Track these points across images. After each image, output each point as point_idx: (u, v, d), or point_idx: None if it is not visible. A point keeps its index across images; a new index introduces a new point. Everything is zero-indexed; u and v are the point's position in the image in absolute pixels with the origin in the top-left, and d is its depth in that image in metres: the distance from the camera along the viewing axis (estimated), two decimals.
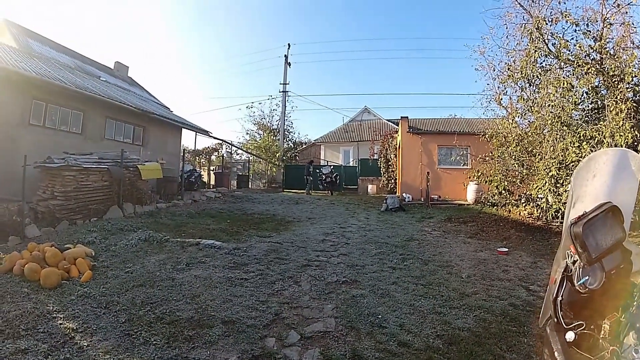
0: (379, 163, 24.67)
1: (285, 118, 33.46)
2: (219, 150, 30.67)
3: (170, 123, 18.10)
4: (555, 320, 1.47)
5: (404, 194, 18.68)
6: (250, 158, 31.35)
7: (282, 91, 32.52)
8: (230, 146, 31.04)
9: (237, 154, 34.17)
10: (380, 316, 4.76)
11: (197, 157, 28.75)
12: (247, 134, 35.36)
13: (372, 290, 5.68)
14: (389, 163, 23.43)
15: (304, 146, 36.12)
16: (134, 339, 3.84)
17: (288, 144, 34.31)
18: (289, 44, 32.82)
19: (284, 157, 30.49)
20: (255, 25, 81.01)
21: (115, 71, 21.29)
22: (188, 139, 40.75)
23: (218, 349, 3.73)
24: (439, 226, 11.84)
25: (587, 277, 1.42)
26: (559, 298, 1.47)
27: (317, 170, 23.72)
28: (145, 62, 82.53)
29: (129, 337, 3.89)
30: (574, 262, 1.47)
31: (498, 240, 9.81)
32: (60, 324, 4.12)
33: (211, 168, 26.63)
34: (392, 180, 22.92)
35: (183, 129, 19.56)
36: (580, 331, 1.39)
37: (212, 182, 24.32)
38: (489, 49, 11.96)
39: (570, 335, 1.39)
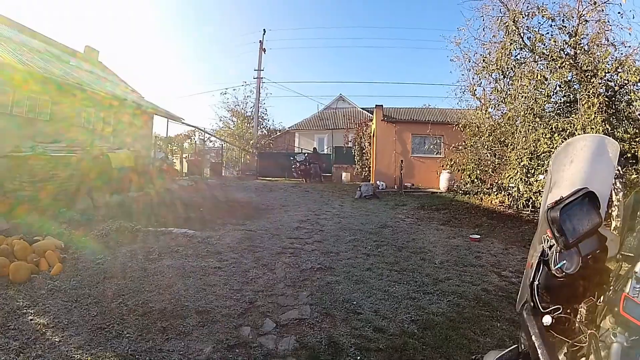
0: (353, 151, 24.75)
1: (260, 105, 32.97)
2: (192, 138, 29.98)
3: (142, 109, 17.67)
4: (532, 304, 1.47)
5: (377, 182, 18.80)
6: (224, 145, 30.93)
7: (257, 77, 32.03)
8: (203, 133, 30.47)
9: (211, 141, 33.61)
10: (355, 302, 4.78)
11: (170, 145, 28.14)
12: (221, 120, 35.04)
13: (347, 276, 5.69)
14: (363, 151, 23.53)
15: (278, 133, 35.71)
16: (107, 333, 3.72)
17: (262, 131, 33.84)
18: (264, 30, 32.25)
19: (258, 145, 30.17)
20: (230, 9, 79.44)
21: (85, 56, 20.58)
22: (160, 126, 39.96)
23: (193, 340, 3.66)
24: (412, 213, 11.98)
25: (563, 262, 1.42)
26: (536, 282, 1.47)
27: (292, 158, 23.59)
28: (117, 47, 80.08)
29: (101, 330, 3.76)
30: (550, 247, 1.47)
31: (470, 227, 9.98)
32: (31, 319, 3.96)
33: (184, 155, 26.09)
34: (366, 168, 23.05)
35: (155, 116, 19.10)
36: (557, 315, 1.40)
37: (185, 170, 23.90)
38: (464, 41, 12.07)
39: (547, 319, 1.39)
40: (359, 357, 3.58)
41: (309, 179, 22.74)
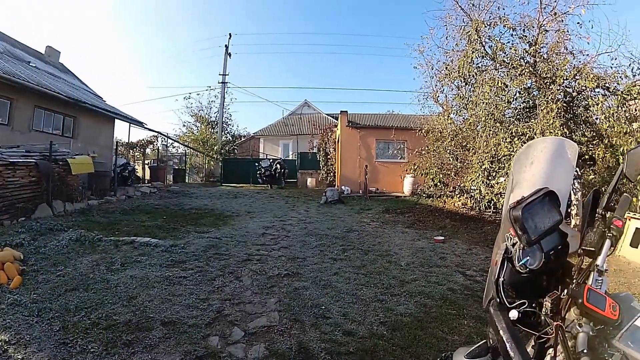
0: (318, 156, 24.76)
1: (224, 110, 32.70)
2: (154, 143, 29.24)
3: (103, 113, 17.10)
4: (498, 300, 1.51)
5: (343, 187, 18.89)
6: (187, 151, 30.44)
7: (222, 82, 31.79)
8: (166, 139, 29.85)
9: (174, 147, 33.08)
10: (323, 307, 4.78)
11: (131, 150, 27.39)
12: (184, 126, 34.24)
13: (314, 281, 5.69)
14: (328, 156, 23.60)
15: (243, 139, 35.39)
16: (70, 348, 3.57)
17: (226, 137, 33.50)
18: (230, 34, 32.24)
19: (222, 151, 29.85)
20: (195, 13, 78.50)
21: (46, 56, 19.80)
22: (122, 131, 38.86)
23: (159, 352, 3.55)
24: (377, 217, 12.10)
25: (527, 258, 1.47)
26: (501, 279, 1.51)
27: (256, 164, 23.38)
28: (79, 48, 77.58)
29: (64, 346, 3.60)
30: (513, 245, 1.51)
31: (434, 229, 10.16)
32: None
33: (146, 162, 25.51)
34: (332, 174, 23.12)
35: (116, 120, 18.53)
36: (522, 309, 1.44)
37: (147, 176, 23.32)
38: (428, 49, 12.40)
39: (513, 314, 1.44)
40: None
41: (274, 185, 22.64)
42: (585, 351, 1.18)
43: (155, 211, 11.74)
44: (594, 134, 9.87)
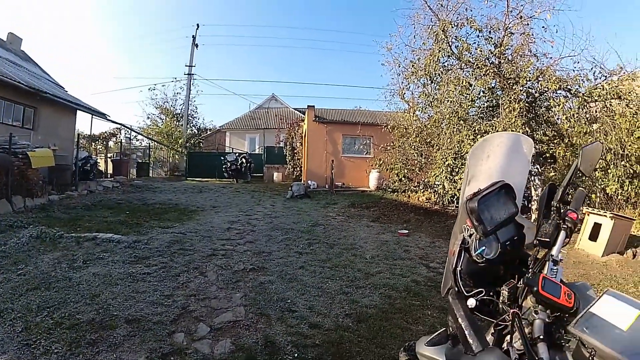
0: (285, 151, 24.67)
1: (190, 102, 31.90)
2: (118, 136, 28.26)
3: (64, 104, 16.38)
4: (457, 289, 1.57)
5: (309, 182, 18.96)
6: (151, 144, 29.67)
7: (188, 74, 31.07)
8: (129, 131, 28.87)
9: (137, 140, 32.08)
10: (289, 300, 4.82)
11: (94, 143, 26.42)
12: (149, 118, 33.04)
13: (280, 275, 5.73)
14: (295, 151, 23.55)
15: (208, 132, 34.65)
16: (34, 349, 3.46)
17: (192, 130, 32.69)
18: (197, 25, 31.49)
19: (187, 144, 29.20)
20: (162, 2, 76.40)
21: (7, 43, 18.93)
22: (84, 123, 37.28)
23: (124, 351, 3.50)
24: (343, 211, 12.23)
25: (483, 248, 1.52)
26: (458, 268, 1.57)
27: (222, 158, 23.09)
28: (40, 36, 74.14)
29: (27, 347, 3.50)
30: (470, 235, 1.57)
31: (399, 223, 10.36)
32: None
33: (108, 155, 24.67)
34: (298, 168, 23.09)
35: (78, 112, 17.84)
36: (480, 298, 1.50)
37: (110, 170, 22.62)
38: (396, 46, 12.54)
39: (471, 302, 1.49)
40: (296, 354, 3.61)
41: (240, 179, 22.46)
42: (541, 337, 1.23)
43: (118, 206, 11.47)
44: (555, 134, 10.26)
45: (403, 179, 12.60)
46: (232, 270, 5.85)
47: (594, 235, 7.96)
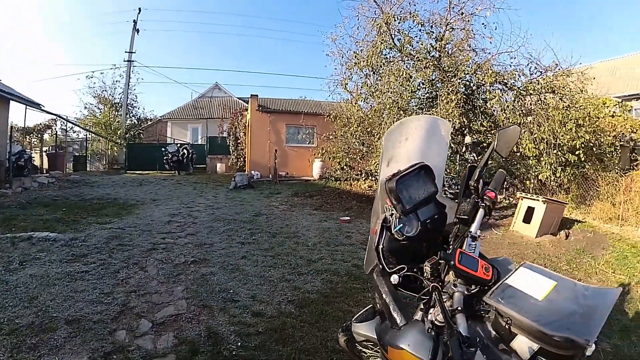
0: (228, 141, 24.30)
1: (130, 91, 30.12)
2: (53, 127, 26.49)
3: None
4: (380, 266, 1.63)
5: (252, 172, 18.80)
6: (89, 136, 28.15)
7: (128, 60, 29.39)
8: (65, 122, 26.94)
9: (74, 132, 29.96)
10: (231, 291, 4.83)
11: (28, 136, 24.60)
12: (86, 108, 30.86)
13: (222, 266, 5.71)
14: (238, 141, 23.24)
15: (149, 123, 33.35)
16: None
17: (131, 120, 31.02)
18: (139, 9, 29.66)
19: (127, 135, 27.87)
20: None
21: None
22: (17, 115, 34.54)
23: (66, 353, 3.37)
24: (286, 201, 12.29)
25: (401, 225, 1.59)
26: (381, 246, 1.63)
27: (163, 149, 22.28)
28: None
29: None
30: (391, 214, 1.64)
31: (341, 210, 10.52)
32: None
33: (44, 149, 23.18)
34: (242, 159, 22.84)
35: (11, 102, 16.56)
36: (403, 274, 1.56)
37: (45, 165, 21.27)
38: (340, 37, 12.58)
39: (394, 278, 1.55)
40: (239, 343, 3.63)
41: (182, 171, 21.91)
42: (459, 308, 1.30)
43: (54, 203, 10.88)
44: (492, 124, 10.71)
45: (345, 167, 12.76)
46: (173, 264, 5.75)
47: (528, 218, 8.44)
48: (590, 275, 6.23)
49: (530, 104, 10.23)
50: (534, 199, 8.45)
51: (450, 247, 1.58)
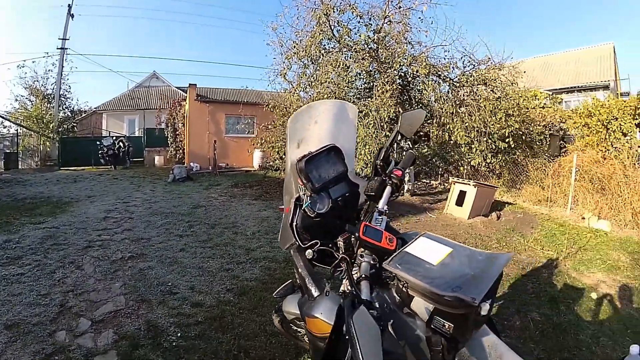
0: (166, 132, 23.50)
1: (63, 81, 27.92)
2: None
3: None
4: (296, 243, 1.72)
5: (192, 164, 18.50)
6: (20, 131, 26.26)
7: (61, 48, 27.14)
8: None
9: (5, 127, 27.30)
10: (170, 284, 4.83)
11: None
12: (17, 100, 28.21)
13: (160, 260, 5.67)
14: (177, 132, 22.57)
15: (83, 115, 31.20)
16: None
17: (65, 113, 28.90)
18: None
19: (60, 129, 26.03)
20: None
21: None
22: None
23: (8, 358, 3.28)
24: (225, 192, 12.24)
25: (309, 203, 1.69)
26: (295, 223, 1.72)
27: (98, 143, 21.20)
28: None
29: None
30: (304, 193, 1.73)
31: (280, 199, 10.35)
32: None
33: None
34: (181, 151, 22.27)
35: None
36: (317, 248, 1.65)
37: None
38: (280, 27, 12.46)
39: (309, 253, 1.64)
40: (179, 334, 3.67)
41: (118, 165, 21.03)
42: (364, 276, 1.39)
43: None
44: (429, 115, 11.11)
45: (284, 157, 12.84)
46: (109, 261, 5.64)
47: (460, 202, 8.89)
48: (520, 252, 6.62)
49: (464, 95, 10.67)
50: (466, 183, 8.90)
51: (361, 222, 1.68)
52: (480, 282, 1.23)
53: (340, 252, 1.59)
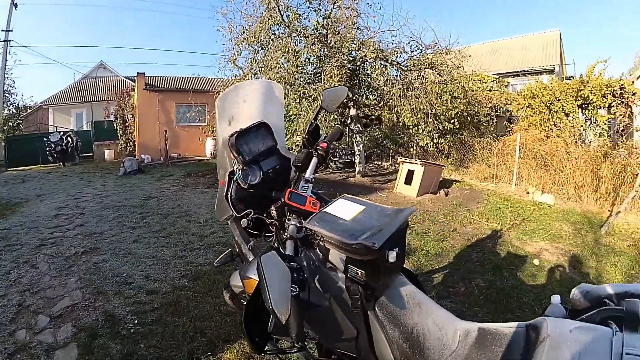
0: (115, 125, 22.53)
1: (7, 75, 26.10)
2: None
3: None
4: (232, 213, 1.87)
5: (142, 156, 18.13)
6: None
7: (4, 40, 25.14)
8: None
9: None
10: (125, 274, 4.88)
11: None
12: None
13: (114, 252, 5.69)
14: (127, 124, 21.70)
15: (29, 111, 29.68)
16: None
17: (9, 110, 27.41)
18: None
19: (5, 127, 24.22)
20: None
21: None
22: None
23: None
24: (178, 182, 12.20)
25: (248, 176, 1.83)
26: (229, 195, 1.86)
27: (45, 140, 19.97)
28: None
29: None
30: (237, 167, 1.88)
31: None
32: None
33: None
34: (131, 143, 21.53)
35: None
36: (252, 217, 1.78)
37: None
38: (231, 12, 12.36)
39: (243, 222, 1.78)
40: (136, 321, 3.76)
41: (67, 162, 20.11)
42: (289, 236, 1.55)
43: None
44: (380, 98, 11.37)
45: None
46: (64, 257, 5.61)
47: (409, 181, 9.23)
48: (465, 225, 6.97)
49: (411, 79, 10.96)
50: (413, 163, 9.24)
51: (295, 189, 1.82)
52: (383, 231, 1.36)
53: (274, 219, 1.74)
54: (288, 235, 1.55)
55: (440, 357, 1.31)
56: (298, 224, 1.61)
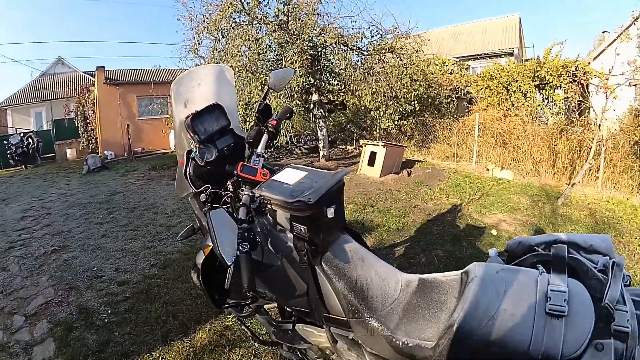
0: (76, 122, 21.73)
1: None
2: None
3: None
4: (192, 190, 2.03)
5: (106, 152, 17.85)
6: None
7: None
8: None
9: None
10: (95, 268, 4.94)
11: None
12: None
13: (83, 249, 5.71)
14: (88, 121, 21.09)
15: None
16: None
17: None
18: None
19: None
20: None
21: None
22: None
23: None
24: (143, 176, 12.15)
25: (204, 153, 1.99)
26: (188, 172, 2.02)
27: (5, 142, 19.46)
28: None
29: None
30: (194, 145, 2.04)
31: None
32: None
33: None
34: (93, 140, 20.99)
35: None
36: (209, 191, 1.93)
37: None
38: (190, 1, 12.22)
39: (202, 197, 1.93)
40: (109, 311, 3.86)
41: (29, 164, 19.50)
42: (242, 204, 1.70)
43: None
44: (343, 83, 11.56)
45: None
46: (33, 257, 5.61)
47: (372, 162, 9.45)
48: (426, 201, 7.22)
49: (372, 63, 11.15)
50: (375, 144, 9.46)
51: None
52: (320, 189, 1.56)
53: (231, 191, 1.90)
54: (242, 204, 1.70)
55: (383, 305, 1.50)
56: (250, 194, 1.76)
